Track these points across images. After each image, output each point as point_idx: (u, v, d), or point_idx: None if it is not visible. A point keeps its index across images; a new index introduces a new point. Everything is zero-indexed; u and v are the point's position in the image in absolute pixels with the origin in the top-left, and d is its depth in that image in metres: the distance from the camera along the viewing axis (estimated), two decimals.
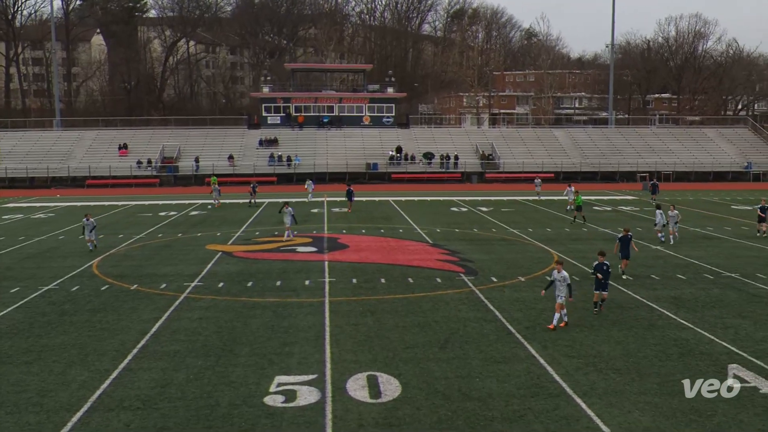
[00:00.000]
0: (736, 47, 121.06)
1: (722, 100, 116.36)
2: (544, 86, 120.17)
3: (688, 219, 42.12)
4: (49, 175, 73.72)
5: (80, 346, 17.20)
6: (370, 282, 24.54)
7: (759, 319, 19.41)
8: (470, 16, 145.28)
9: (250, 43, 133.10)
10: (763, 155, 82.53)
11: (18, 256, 30.65)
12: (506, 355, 16.40)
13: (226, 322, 19.27)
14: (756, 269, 26.46)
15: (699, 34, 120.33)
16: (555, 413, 13.03)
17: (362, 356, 16.28)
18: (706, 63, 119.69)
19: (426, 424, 12.57)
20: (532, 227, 38.42)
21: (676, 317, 19.70)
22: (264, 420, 12.76)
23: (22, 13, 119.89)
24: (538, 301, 21.56)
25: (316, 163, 76.52)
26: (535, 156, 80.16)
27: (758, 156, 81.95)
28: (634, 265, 27.51)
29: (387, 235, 36.14)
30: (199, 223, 41.62)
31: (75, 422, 12.72)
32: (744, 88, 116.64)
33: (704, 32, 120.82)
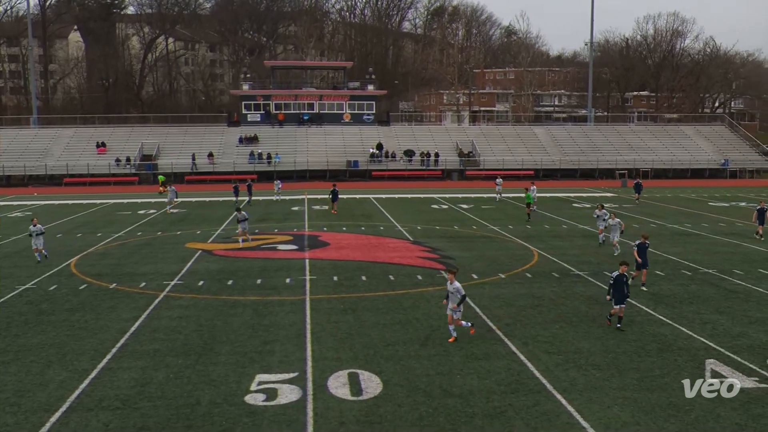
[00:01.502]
0: (713, 46, 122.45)
1: (699, 98, 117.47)
2: (524, 84, 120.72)
3: (667, 215, 42.51)
4: (26, 174, 73.00)
5: (58, 346, 17.04)
6: (351, 279, 24.52)
7: (736, 315, 19.62)
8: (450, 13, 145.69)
9: (230, 41, 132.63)
10: (740, 152, 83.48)
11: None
12: (487, 351, 16.45)
13: (206, 321, 19.18)
14: (733, 265, 26.74)
15: (677, 32, 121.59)
16: (535, 409, 13.10)
17: (343, 354, 16.28)
18: (683, 61, 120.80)
19: (407, 421, 12.59)
20: (512, 224, 38.57)
21: (654, 313, 19.86)
22: (245, 419, 12.72)
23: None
24: (518, 297, 21.69)
25: (297, 161, 76.39)
26: (515, 153, 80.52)
27: (735, 153, 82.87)
28: (612, 261, 27.67)
29: (368, 233, 36.13)
30: (179, 221, 41.38)
31: (53, 422, 12.61)
32: (721, 86, 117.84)
33: (682, 30, 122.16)
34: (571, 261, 27.73)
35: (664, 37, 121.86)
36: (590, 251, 30.02)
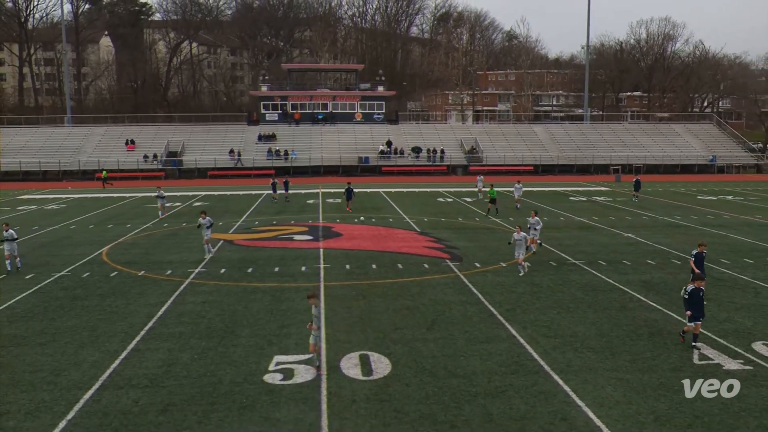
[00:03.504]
0: (702, 49, 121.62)
1: (689, 98, 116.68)
2: (524, 85, 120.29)
3: (658, 208, 42.31)
4: (61, 169, 73.42)
5: (91, 329, 17.16)
6: (362, 268, 24.54)
7: (722, 301, 19.53)
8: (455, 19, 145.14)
9: (249, 45, 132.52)
10: (727, 149, 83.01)
11: (32, 244, 30.50)
12: (489, 335, 16.45)
13: (228, 306, 19.25)
14: (720, 255, 26.62)
15: (668, 36, 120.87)
16: (534, 389, 13.10)
17: (355, 337, 16.31)
18: (674, 63, 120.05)
19: (414, 399, 12.62)
20: (513, 216, 38.48)
21: (646, 299, 19.81)
22: (264, 396, 12.77)
23: (34, 16, 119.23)
24: (518, 284, 21.67)
25: (312, 157, 76.47)
26: (516, 150, 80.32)
27: (722, 150, 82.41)
28: (606, 251, 27.63)
29: (378, 224, 36.14)
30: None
31: (87, 399, 12.70)
32: (709, 87, 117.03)
33: (673, 34, 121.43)
34: (567, 251, 27.66)
35: (656, 41, 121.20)
36: (585, 242, 29.94)
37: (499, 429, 11.37)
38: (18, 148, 77.05)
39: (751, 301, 19.66)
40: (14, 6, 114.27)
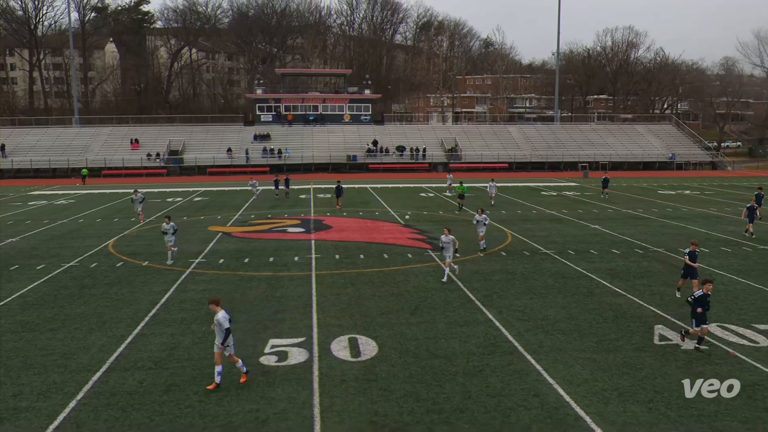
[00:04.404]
0: (662, 55, 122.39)
1: (650, 101, 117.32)
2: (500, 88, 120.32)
3: (622, 202, 42.55)
4: (70, 166, 72.65)
5: (99, 315, 17.05)
6: (351, 258, 24.54)
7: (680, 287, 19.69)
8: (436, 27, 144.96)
9: (245, 51, 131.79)
10: (685, 148, 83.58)
11: (43, 237, 30.22)
12: (467, 319, 16.51)
13: (226, 293, 19.17)
14: (678, 245, 26.81)
15: (631, 43, 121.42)
16: (509, 368, 13.17)
17: (344, 321, 16.31)
18: (637, 69, 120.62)
19: (399, 378, 12.65)
20: (488, 210, 38.55)
21: (611, 286, 19.93)
22: (260, 377, 12.76)
23: (43, 23, 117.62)
24: (494, 273, 21.74)
25: (303, 156, 76.20)
26: (492, 149, 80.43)
27: (680, 148, 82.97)
28: (575, 241, 27.75)
29: (365, 218, 36.12)
30: (202, 208, 41.29)
31: (95, 381, 12.64)
32: (669, 91, 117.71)
33: (636, 42, 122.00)
34: (539, 241, 27.78)
35: (620, 48, 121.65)
36: (556, 233, 30.07)
37: (477, 405, 11.43)
38: (29, 147, 76.26)
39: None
40: (24, 14, 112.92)
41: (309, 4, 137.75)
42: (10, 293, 19.46)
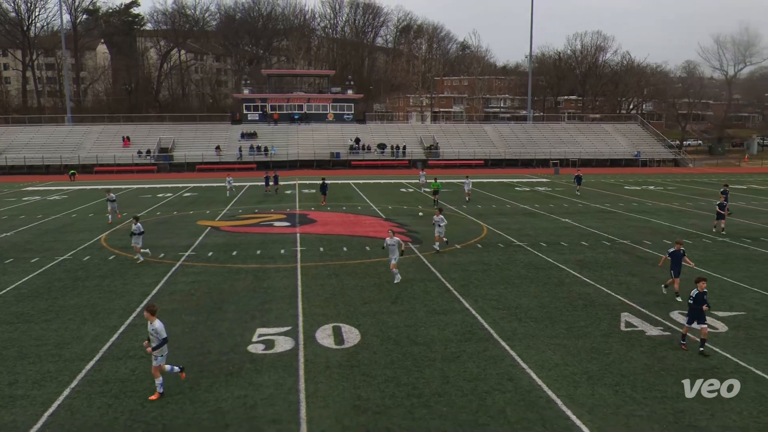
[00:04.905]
0: (629, 58, 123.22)
1: (617, 102, 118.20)
2: (476, 89, 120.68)
3: (590, 197, 42.90)
4: (63, 164, 71.59)
5: (92, 306, 16.87)
6: (335, 250, 24.50)
7: (645, 277, 19.93)
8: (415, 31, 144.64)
9: (232, 53, 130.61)
10: (649, 146, 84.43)
11: (37, 231, 29.80)
12: (445, 308, 16.56)
13: (215, 285, 19.08)
14: (642, 237, 27.13)
15: (600, 47, 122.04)
16: (485, 354, 13.25)
17: (328, 311, 16.29)
18: (605, 71, 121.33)
19: (381, 364, 12.67)
20: (465, 204, 38.71)
21: (580, 276, 20.10)
22: (248, 364, 12.71)
23: (35, 25, 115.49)
24: (471, 264, 21.82)
25: (289, 153, 75.81)
26: (468, 146, 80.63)
27: (645, 146, 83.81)
28: (546, 234, 27.91)
29: (348, 212, 36.06)
30: (191, 203, 40.95)
31: (88, 369, 12.51)
32: (635, 92, 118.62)
33: (604, 46, 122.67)
34: (513, 234, 27.93)
35: (589, 52, 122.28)
36: (528, 226, 30.25)
37: (455, 389, 11.49)
38: (22, 144, 75.03)
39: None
40: (17, 15, 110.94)
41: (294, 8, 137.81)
42: (5, 285, 19.18)
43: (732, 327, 14.92)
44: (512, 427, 10.08)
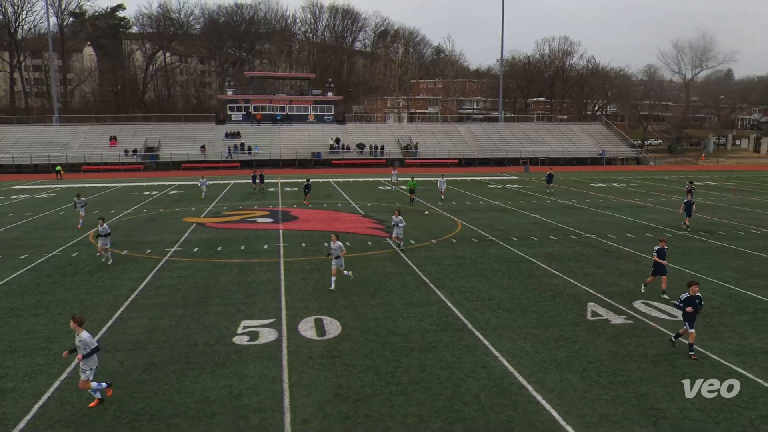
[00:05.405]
0: (593, 63, 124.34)
1: (583, 103, 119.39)
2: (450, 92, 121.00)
3: (558, 194, 43.28)
4: (51, 162, 70.32)
5: (80, 301, 16.61)
6: (316, 245, 24.42)
7: (609, 269, 20.16)
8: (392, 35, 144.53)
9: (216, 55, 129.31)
10: (613, 145, 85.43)
11: (26, 228, 29.25)
12: (422, 300, 16.61)
13: (200, 279, 18.91)
14: (607, 231, 27.44)
15: (566, 52, 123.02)
16: (459, 343, 13.31)
17: (310, 303, 16.25)
18: (571, 74, 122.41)
19: (361, 354, 12.67)
20: (441, 201, 38.81)
21: (549, 268, 20.27)
22: (233, 355, 12.63)
23: (23, 27, 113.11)
24: (446, 258, 21.89)
25: (272, 152, 75.35)
26: (443, 146, 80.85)
27: (609, 145, 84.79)
28: (517, 229, 28.11)
29: (329, 209, 35.96)
30: (177, 201, 40.50)
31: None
32: (599, 94, 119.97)
33: (570, 51, 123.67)
34: (486, 229, 28.08)
35: (556, 56, 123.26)
36: (500, 222, 30.43)
37: (432, 377, 11.53)
38: (11, 144, 73.53)
39: (633, 268, 20.36)
40: (4, 18, 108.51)
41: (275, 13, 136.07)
42: None
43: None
44: (486, 412, 10.15)
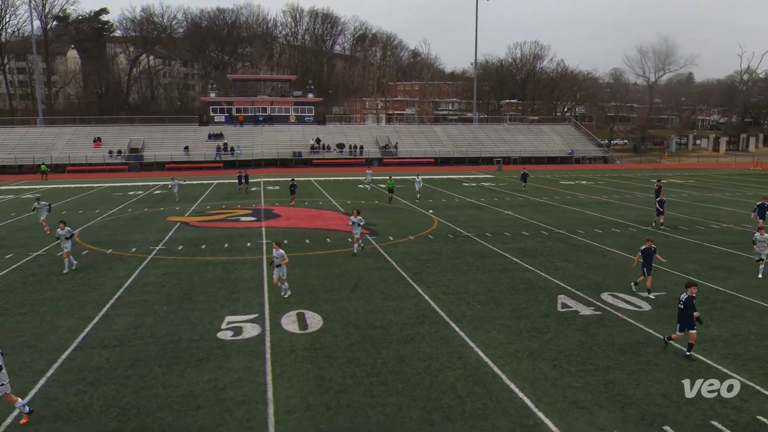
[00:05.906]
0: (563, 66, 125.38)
1: (553, 105, 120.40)
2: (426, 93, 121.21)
3: (530, 191, 43.63)
4: (36, 163, 68.93)
5: (66, 299, 16.33)
6: (298, 242, 24.31)
7: (579, 263, 20.39)
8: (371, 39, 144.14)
9: (199, 58, 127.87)
10: (582, 145, 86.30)
11: (11, 228, 28.66)
12: (400, 294, 16.64)
13: (185, 277, 18.72)
14: (576, 227, 27.74)
15: (537, 55, 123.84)
16: (436, 335, 13.36)
17: (293, 298, 16.17)
18: (542, 77, 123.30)
19: (342, 347, 12.66)
20: (417, 199, 38.85)
21: (522, 262, 20.43)
22: (217, 350, 12.53)
23: (6, 30, 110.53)
24: (423, 253, 21.95)
25: (254, 152, 74.76)
26: (420, 146, 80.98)
27: (578, 145, 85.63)
28: (491, 225, 28.29)
29: (310, 207, 35.82)
30: (162, 200, 40.01)
31: (64, 359, 12.13)
32: (568, 96, 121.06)
33: (541, 54, 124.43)
34: (461, 225, 28.21)
35: (528, 59, 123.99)
36: (475, 218, 30.58)
37: (410, 368, 11.56)
38: None
39: (600, 261, 20.62)
40: None
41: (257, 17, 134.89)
42: None
43: (655, 306, 15.42)
44: (462, 401, 10.21)
